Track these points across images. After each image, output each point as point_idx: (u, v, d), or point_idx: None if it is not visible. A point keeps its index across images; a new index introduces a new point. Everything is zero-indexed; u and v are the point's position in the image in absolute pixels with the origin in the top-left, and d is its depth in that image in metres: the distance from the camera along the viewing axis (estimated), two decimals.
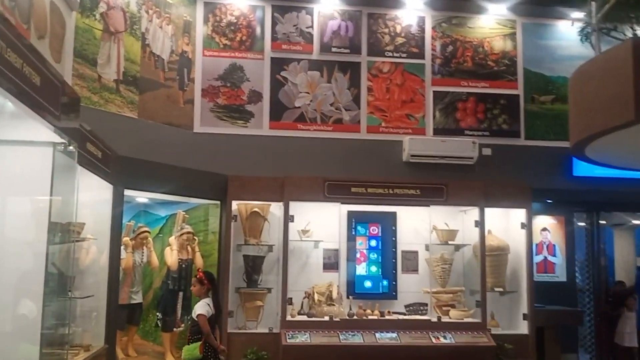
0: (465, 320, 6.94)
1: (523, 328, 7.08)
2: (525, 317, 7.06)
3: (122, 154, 5.70)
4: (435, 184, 7.07)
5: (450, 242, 7.29)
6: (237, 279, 7.00)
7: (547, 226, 7.80)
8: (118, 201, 5.70)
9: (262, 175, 7.04)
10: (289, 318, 6.71)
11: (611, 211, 8.63)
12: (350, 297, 7.05)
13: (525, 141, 7.93)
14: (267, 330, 6.78)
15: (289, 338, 6.47)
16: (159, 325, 6.54)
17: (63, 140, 3.59)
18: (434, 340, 6.64)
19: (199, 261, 6.79)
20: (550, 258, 7.75)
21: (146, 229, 6.62)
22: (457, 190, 7.07)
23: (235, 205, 7.00)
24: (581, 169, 7.69)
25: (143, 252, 6.59)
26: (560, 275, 7.69)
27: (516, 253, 7.32)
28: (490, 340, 6.66)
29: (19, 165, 3.67)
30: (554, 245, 7.78)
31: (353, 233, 7.34)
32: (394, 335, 6.67)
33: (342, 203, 6.98)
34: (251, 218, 7.01)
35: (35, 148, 3.63)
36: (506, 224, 7.48)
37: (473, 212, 7.30)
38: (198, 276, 5.62)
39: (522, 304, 7.17)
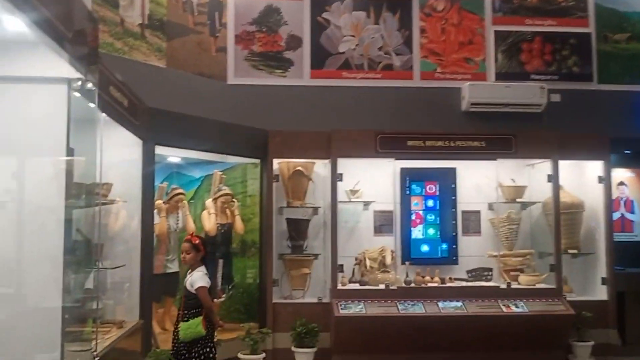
0: (537, 286, 6.19)
1: (601, 293, 6.30)
2: (604, 281, 6.28)
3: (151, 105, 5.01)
4: (503, 134, 6.24)
5: (517, 200, 6.50)
6: (280, 245, 6.35)
7: (624, 180, 6.92)
8: (149, 159, 5.04)
9: (305, 130, 6.31)
10: (340, 287, 6.05)
11: None
12: (407, 262, 6.34)
13: (599, 85, 7.02)
14: (315, 300, 6.13)
15: (341, 308, 5.81)
16: None
17: (80, 75, 2.88)
18: (504, 309, 5.91)
19: (239, 226, 6.12)
20: (628, 215, 6.88)
21: (181, 190, 5.96)
22: (528, 141, 6.24)
23: (276, 163, 6.30)
24: None
25: (178, 217, 5.94)
26: (639, 234, 6.85)
27: (592, 210, 6.49)
28: (568, 308, 5.91)
29: (28, 109, 2.98)
30: (632, 202, 6.91)
31: (407, 193, 6.60)
32: (459, 304, 5.95)
33: (397, 159, 6.21)
34: (294, 178, 6.31)
35: (45, 86, 2.93)
36: (579, 179, 6.65)
37: (542, 167, 6.48)
38: (193, 242, 4.66)
39: (599, 267, 6.37)
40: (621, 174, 6.88)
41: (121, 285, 4.99)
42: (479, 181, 6.63)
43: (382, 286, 6.08)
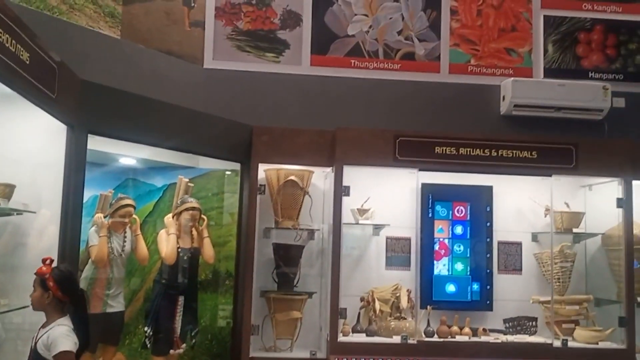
0: (601, 344, 4.68)
1: None
2: None
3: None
4: (560, 143, 4.78)
5: (574, 231, 5.02)
6: (263, 278, 4.83)
7: None
8: (77, 153, 3.53)
9: (302, 128, 4.84)
10: (341, 338, 4.52)
11: None
12: (429, 306, 4.83)
13: None
14: (307, 355, 4.59)
15: None
16: (147, 345, 4.36)
17: None
18: None
19: (208, 251, 4.59)
20: None
21: (130, 202, 4.44)
22: (593, 153, 4.77)
23: (262, 170, 4.81)
24: None
25: (125, 237, 4.41)
26: None
27: None
28: None
29: None
30: None
31: (430, 215, 5.11)
32: None
33: (421, 169, 4.73)
34: (285, 190, 4.82)
35: None
36: None
37: (602, 188, 5.03)
38: (39, 272, 2.95)
39: None
40: None
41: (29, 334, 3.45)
42: (522, 204, 5.17)
43: (396, 339, 4.56)
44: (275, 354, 4.63)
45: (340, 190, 4.62)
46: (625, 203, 4.73)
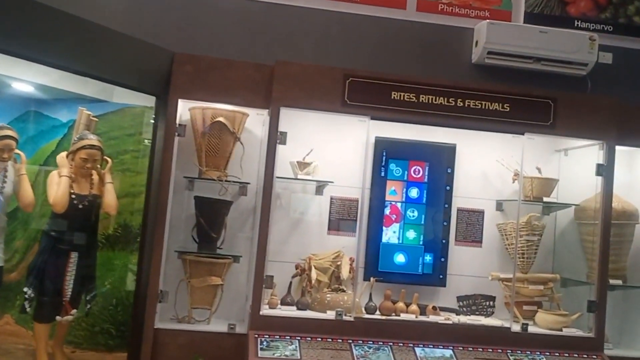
0: (565, 331, 4.08)
1: None
2: None
3: None
4: (536, 96, 4.08)
5: (545, 200, 4.37)
6: (180, 237, 4.10)
7: None
8: None
9: (234, 59, 4.04)
10: (265, 311, 3.82)
11: None
12: (372, 278, 4.16)
13: None
14: (225, 329, 3.88)
15: (261, 348, 3.58)
16: (27, 309, 3.59)
17: None
18: None
19: (110, 200, 3.81)
20: None
21: (10, 132, 3.62)
22: (572, 110, 4.09)
23: (183, 107, 4.01)
24: None
25: (6, 177, 3.60)
26: None
27: None
28: None
29: None
30: None
31: (382, 174, 4.42)
32: (448, 353, 3.80)
33: (373, 118, 3.99)
34: (212, 134, 4.05)
35: None
36: (631, 177, 4.57)
37: (578, 154, 4.39)
38: None
39: None
40: None
41: None
42: (488, 167, 4.51)
43: (330, 314, 3.88)
44: (187, 325, 3.90)
45: (275, 137, 3.86)
46: (605, 170, 4.08)
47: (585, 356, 3.92)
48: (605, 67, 4.75)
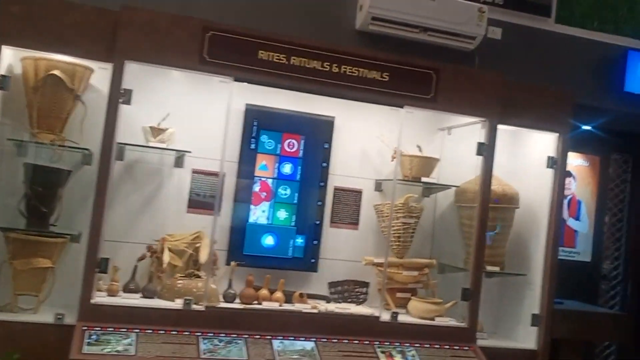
0: (437, 320, 3.82)
1: (529, 339, 4.05)
2: (536, 320, 4.03)
3: None
4: (418, 66, 3.74)
5: (423, 180, 4.08)
6: (11, 211, 3.44)
7: (573, 170, 4.74)
8: None
9: (74, 0, 3.42)
10: (98, 298, 3.28)
11: None
12: (234, 262, 3.71)
13: (556, 25, 4.76)
14: (52, 319, 3.29)
15: (88, 342, 3.04)
16: None
17: None
18: None
19: None
20: (571, 222, 4.73)
21: None
22: (455, 83, 3.78)
23: (9, 54, 3.35)
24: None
25: None
26: (582, 251, 4.71)
27: (529, 209, 4.23)
28: None
29: None
30: (579, 203, 4.76)
31: (252, 147, 3.96)
32: (309, 346, 3.42)
33: (237, 79, 3.50)
34: (46, 89, 3.41)
35: None
36: (515, 159, 4.37)
37: (465, 132, 4.12)
38: None
39: (530, 298, 4.12)
40: (569, 161, 4.66)
41: None
42: (368, 144, 4.17)
43: (178, 302, 3.39)
44: (8, 315, 3.28)
45: (117, 94, 3.29)
46: (486, 150, 3.82)
47: (457, 347, 3.67)
48: (494, 42, 4.52)
